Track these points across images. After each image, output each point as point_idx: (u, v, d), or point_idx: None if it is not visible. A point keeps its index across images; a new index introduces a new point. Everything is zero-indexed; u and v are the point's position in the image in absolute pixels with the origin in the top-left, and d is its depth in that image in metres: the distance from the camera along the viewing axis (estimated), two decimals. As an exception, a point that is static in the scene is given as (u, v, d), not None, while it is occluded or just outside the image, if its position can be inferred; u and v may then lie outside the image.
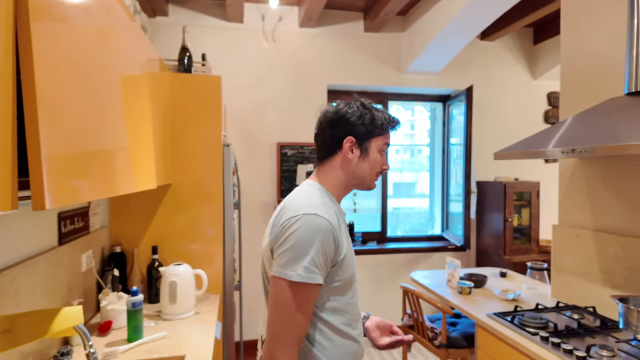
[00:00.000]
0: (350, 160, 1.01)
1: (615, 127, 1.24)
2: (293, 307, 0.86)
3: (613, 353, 1.27)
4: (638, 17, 1.33)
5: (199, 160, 1.97)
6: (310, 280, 0.86)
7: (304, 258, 0.86)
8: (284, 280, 0.86)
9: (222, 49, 3.16)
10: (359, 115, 1.01)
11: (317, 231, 0.87)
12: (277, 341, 0.87)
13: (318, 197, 0.96)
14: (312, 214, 0.89)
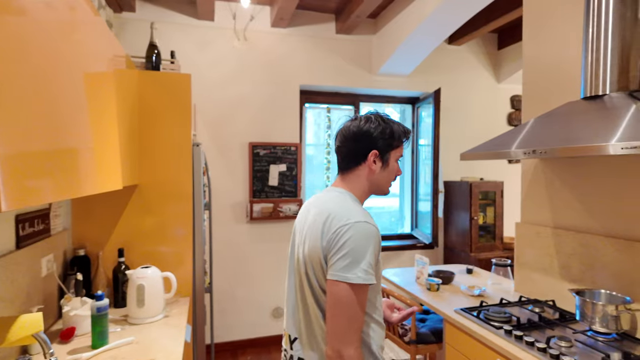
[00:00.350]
0: (374, 171, 1.12)
1: (571, 130, 1.31)
2: (355, 306, 0.95)
3: (570, 343, 1.34)
4: (592, 27, 1.41)
5: (167, 160, 1.93)
6: (368, 281, 0.96)
7: (361, 262, 0.95)
8: (345, 284, 0.95)
9: (192, 47, 3.10)
10: (380, 131, 1.11)
11: (370, 237, 0.98)
12: (344, 338, 0.95)
13: (358, 205, 1.08)
14: (363, 222, 0.99)
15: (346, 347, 0.94)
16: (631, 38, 1.34)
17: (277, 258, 3.38)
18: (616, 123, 1.17)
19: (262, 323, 3.36)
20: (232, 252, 3.25)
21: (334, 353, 0.95)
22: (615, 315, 1.36)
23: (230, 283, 3.26)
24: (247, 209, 3.27)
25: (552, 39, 1.82)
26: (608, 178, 1.57)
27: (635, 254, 1.44)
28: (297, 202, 3.36)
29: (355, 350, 0.95)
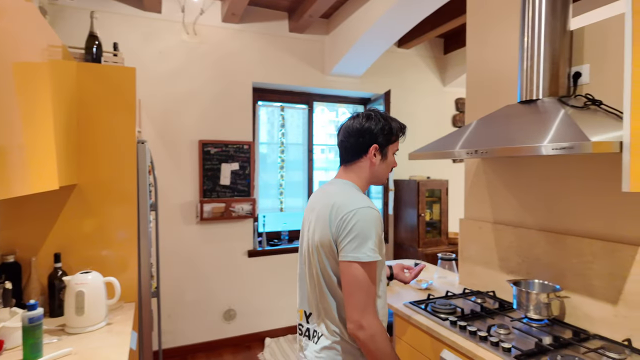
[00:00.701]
0: (374, 163, 1.27)
1: (509, 131, 1.40)
2: (368, 281, 1.10)
3: (509, 331, 1.44)
4: (527, 36, 1.52)
5: (109, 158, 1.82)
6: (375, 258, 1.11)
7: (368, 242, 1.10)
8: (357, 263, 1.09)
9: (137, 40, 2.94)
10: (380, 127, 1.25)
11: (372, 220, 1.12)
12: (363, 311, 1.09)
13: (360, 193, 1.22)
14: (366, 207, 1.13)
15: (365, 317, 1.08)
16: (560, 48, 1.46)
17: (229, 259, 3.31)
18: (548, 126, 1.27)
19: (213, 326, 3.27)
20: (181, 254, 3.14)
21: (355, 325, 1.09)
22: (547, 303, 1.48)
23: (179, 286, 3.14)
24: (197, 209, 3.16)
25: (493, 46, 1.95)
26: (540, 176, 1.70)
27: (564, 246, 1.58)
28: (250, 201, 3.31)
29: (373, 318, 1.10)
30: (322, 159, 3.96)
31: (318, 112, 3.87)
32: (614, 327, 1.41)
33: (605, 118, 1.30)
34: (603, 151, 1.10)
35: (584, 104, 1.38)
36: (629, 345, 1.32)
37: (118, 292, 1.61)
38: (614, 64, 1.41)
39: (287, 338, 3.45)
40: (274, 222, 3.75)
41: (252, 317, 3.42)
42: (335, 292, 1.18)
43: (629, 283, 1.36)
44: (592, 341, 1.38)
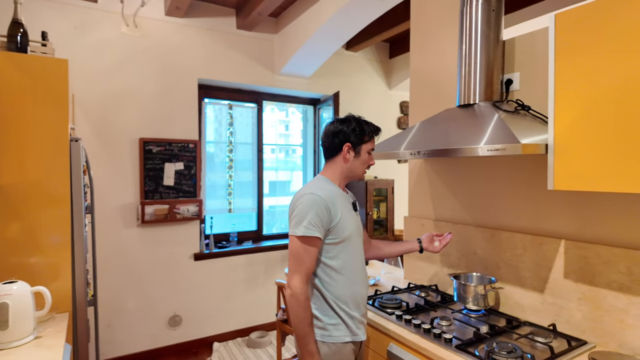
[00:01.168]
0: (348, 159, 1.46)
1: (449, 134, 1.48)
2: (301, 251, 1.33)
3: (450, 322, 1.52)
4: (465, 45, 1.62)
5: (38, 156, 1.66)
6: (308, 233, 1.32)
7: (303, 220, 1.33)
8: (293, 236, 1.35)
9: (70, 30, 2.73)
10: (352, 128, 1.44)
11: (313, 203, 1.34)
12: (291, 274, 1.34)
13: (317, 184, 1.42)
14: (310, 193, 1.36)
15: (291, 279, 1.33)
16: (494, 56, 1.57)
17: (174, 263, 3.17)
18: (483, 129, 1.36)
19: (157, 333, 3.12)
20: (121, 259, 2.96)
21: (287, 285, 1.35)
22: (484, 294, 1.58)
23: (119, 293, 2.96)
24: (139, 212, 3.00)
25: (435, 52, 2.05)
26: (477, 176, 1.82)
27: (498, 240, 1.70)
28: (197, 202, 3.20)
29: (297, 282, 1.32)
30: (272, 159, 3.92)
31: (268, 111, 3.84)
32: (541, 314, 1.54)
33: (532, 122, 1.41)
34: (531, 152, 1.20)
35: (515, 109, 1.50)
36: (554, 329, 1.45)
37: (49, 303, 1.48)
38: (540, 73, 1.54)
39: (236, 341, 3.38)
40: (222, 224, 3.66)
41: (199, 322, 3.30)
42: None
43: (554, 273, 1.49)
44: (523, 328, 1.50)
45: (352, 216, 1.46)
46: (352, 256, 1.44)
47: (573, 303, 1.43)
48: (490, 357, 1.23)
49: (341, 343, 1.39)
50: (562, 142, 1.20)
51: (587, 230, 1.41)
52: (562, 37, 1.20)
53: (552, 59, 1.23)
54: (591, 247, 1.38)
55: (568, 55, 1.19)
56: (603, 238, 1.37)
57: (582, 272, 1.41)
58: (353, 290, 1.43)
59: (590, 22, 1.13)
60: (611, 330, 1.33)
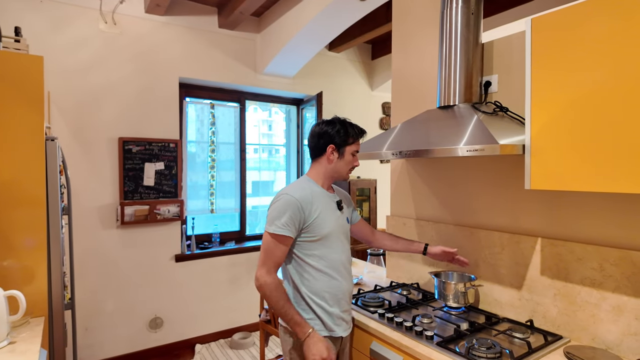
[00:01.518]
0: (332, 160, 1.51)
1: (429, 134, 1.51)
2: (271, 245, 1.40)
3: (431, 320, 1.55)
4: (445, 47, 1.65)
5: (11, 156, 1.61)
6: (278, 232, 1.39)
7: (276, 219, 1.40)
8: (266, 232, 1.42)
9: (45, 26, 2.65)
10: (337, 130, 1.49)
11: (286, 204, 1.40)
12: (259, 266, 1.41)
13: (297, 185, 1.48)
14: (285, 194, 1.42)
15: (258, 271, 1.41)
16: (473, 59, 1.61)
17: (155, 265, 3.12)
18: (463, 130, 1.39)
19: (138, 336, 3.06)
20: (100, 261, 2.89)
21: (255, 276, 1.42)
22: (464, 292, 1.61)
23: (98, 296, 2.89)
24: (118, 212, 2.94)
25: (416, 54, 2.08)
26: (456, 175, 1.86)
27: (477, 239, 1.74)
28: (178, 202, 3.16)
29: (264, 273, 1.39)
30: (255, 159, 3.90)
31: (251, 111, 3.81)
32: (518, 310, 1.58)
33: (510, 123, 1.45)
34: (509, 153, 1.23)
35: (493, 110, 1.54)
36: (531, 325, 1.49)
37: (23, 307, 1.44)
38: (517, 75, 1.59)
39: (219, 343, 3.34)
40: (204, 224, 3.62)
41: (180, 324, 3.26)
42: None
43: (530, 270, 1.54)
44: (501, 324, 1.54)
45: (334, 215, 1.51)
46: (332, 253, 1.48)
47: (549, 299, 1.48)
48: (470, 354, 1.26)
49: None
50: (538, 143, 1.24)
51: (562, 228, 1.46)
52: (538, 40, 1.24)
53: (528, 62, 1.27)
54: (566, 245, 1.43)
55: (544, 59, 1.22)
56: (576, 236, 1.42)
57: (557, 269, 1.45)
58: (332, 285, 1.46)
59: (565, 26, 1.17)
60: (584, 325, 1.38)
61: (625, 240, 1.30)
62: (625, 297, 1.27)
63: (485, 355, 1.24)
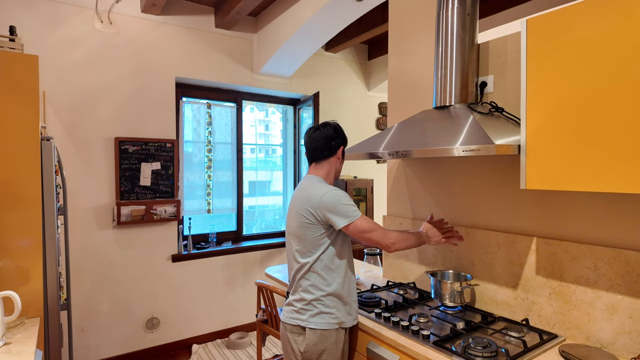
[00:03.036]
0: (341, 161, 1.65)
1: (425, 134, 1.52)
2: (368, 222, 1.47)
3: (428, 319, 1.56)
4: (441, 48, 1.66)
5: (6, 156, 1.60)
6: (360, 213, 1.49)
7: (349, 208, 1.47)
8: (357, 220, 1.46)
9: (40, 25, 2.64)
10: (343, 136, 1.64)
11: (341, 194, 1.49)
12: (382, 236, 1.48)
13: (321, 183, 1.55)
14: (333, 190, 1.49)
15: (387, 240, 1.49)
16: (469, 59, 1.62)
17: (151, 265, 3.11)
18: (459, 130, 1.40)
19: (134, 337, 3.05)
20: (96, 261, 2.88)
21: (386, 245, 1.50)
22: (460, 291, 1.62)
23: (94, 297, 2.88)
24: (114, 213, 2.93)
25: (412, 55, 2.08)
26: (452, 176, 1.86)
27: (473, 238, 1.75)
28: (174, 203, 3.15)
29: (390, 237, 1.49)
30: (252, 159, 3.89)
31: (247, 111, 3.81)
32: (514, 309, 1.59)
33: (506, 123, 1.46)
34: (504, 153, 1.24)
35: (489, 111, 1.55)
36: (526, 324, 1.50)
37: (18, 308, 1.43)
38: (513, 76, 1.60)
39: (215, 343, 3.34)
40: (201, 224, 3.61)
41: (177, 325, 3.25)
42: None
43: (526, 269, 1.55)
44: (497, 323, 1.55)
45: None
46: (350, 254, 1.61)
47: (544, 298, 1.49)
48: (467, 353, 1.27)
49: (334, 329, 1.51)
50: (533, 143, 1.25)
51: (557, 228, 1.47)
52: (533, 41, 1.25)
53: (524, 63, 1.27)
54: (560, 244, 1.44)
55: (539, 59, 1.23)
56: (571, 235, 1.43)
57: (552, 268, 1.46)
58: (354, 280, 1.61)
59: (560, 27, 1.18)
60: (579, 324, 1.39)
61: (618, 240, 1.31)
62: (619, 295, 1.29)
63: (482, 354, 1.25)
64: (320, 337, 1.45)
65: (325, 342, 1.46)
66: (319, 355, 1.46)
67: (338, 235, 1.52)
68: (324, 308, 1.47)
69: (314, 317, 1.47)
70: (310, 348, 1.46)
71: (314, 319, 1.47)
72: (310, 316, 1.48)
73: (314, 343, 1.45)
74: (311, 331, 1.46)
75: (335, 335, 1.47)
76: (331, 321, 1.47)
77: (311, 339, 1.46)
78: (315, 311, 1.47)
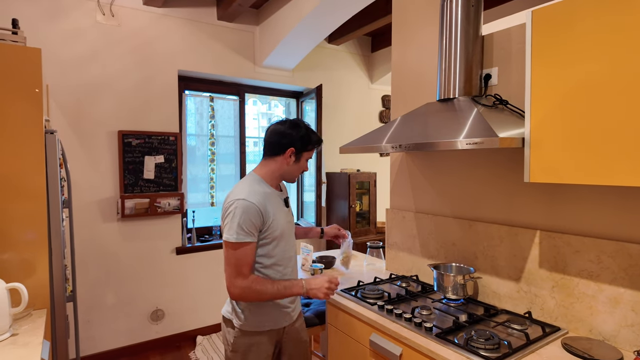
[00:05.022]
0: (288, 162, 1.52)
1: (429, 127, 1.51)
2: (238, 255, 1.39)
3: (430, 311, 1.56)
4: (445, 40, 1.64)
5: (10, 149, 1.61)
6: (241, 239, 1.38)
7: (236, 226, 1.38)
8: (227, 242, 1.40)
9: (41, 17, 2.63)
10: (300, 136, 1.50)
11: (244, 209, 1.39)
12: (232, 279, 1.40)
13: (248, 187, 1.46)
14: (242, 199, 1.40)
15: (232, 281, 1.40)
16: (473, 51, 1.60)
17: (156, 257, 3.13)
18: (462, 123, 1.39)
19: (139, 328, 3.09)
20: (100, 254, 2.90)
21: (228, 289, 1.41)
22: (463, 284, 1.63)
23: (99, 289, 2.91)
24: (118, 206, 2.95)
25: (415, 47, 2.07)
26: (455, 169, 1.86)
27: (475, 232, 1.75)
28: (178, 196, 3.16)
29: (240, 282, 1.39)
30: (255, 152, 3.89)
31: (250, 104, 3.80)
32: (517, 302, 1.60)
33: (510, 116, 1.45)
34: (508, 146, 1.23)
35: (493, 103, 1.53)
36: (529, 317, 1.51)
37: (25, 299, 1.45)
38: (517, 68, 1.58)
39: (220, 334, 3.37)
40: (204, 217, 3.62)
41: (181, 316, 3.28)
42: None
43: (529, 262, 1.55)
44: (500, 315, 1.55)
45: (283, 214, 1.55)
46: (283, 251, 1.53)
47: (547, 291, 1.49)
48: (469, 345, 1.27)
49: (263, 331, 1.52)
50: (537, 136, 1.24)
51: (560, 221, 1.47)
52: (538, 33, 1.23)
53: (528, 55, 1.26)
54: (563, 237, 1.44)
55: (544, 51, 1.22)
56: (574, 228, 1.43)
57: (555, 262, 1.46)
58: (280, 276, 1.55)
59: (566, 18, 1.17)
60: (582, 317, 1.39)
61: (621, 233, 1.31)
62: (622, 289, 1.29)
63: (484, 346, 1.25)
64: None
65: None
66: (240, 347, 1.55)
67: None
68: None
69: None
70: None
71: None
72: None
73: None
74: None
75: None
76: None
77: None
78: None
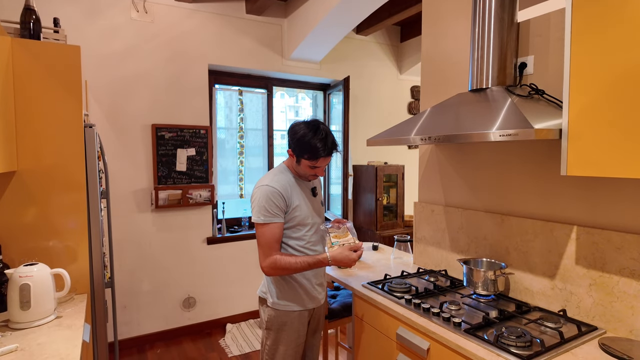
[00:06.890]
0: (293, 160, 1.63)
1: (460, 119, 1.47)
2: (263, 235, 1.54)
3: (459, 307, 1.54)
4: (478, 28, 1.59)
5: (53, 143, 1.70)
6: (263, 220, 1.54)
7: (259, 209, 1.54)
8: (257, 223, 1.56)
9: (80, 16, 2.74)
10: (298, 141, 1.54)
11: (266, 194, 1.54)
12: (262, 258, 1.55)
13: (272, 175, 1.61)
14: (265, 185, 1.55)
15: (262, 262, 1.56)
16: (507, 39, 1.54)
17: (188, 247, 3.24)
18: (496, 114, 1.35)
19: (172, 315, 3.21)
20: (136, 243, 3.03)
21: (261, 267, 1.57)
22: (494, 280, 1.59)
23: (135, 276, 3.04)
24: (152, 197, 3.05)
25: (447, 36, 2.01)
26: (487, 161, 1.80)
27: (508, 226, 1.70)
28: (209, 187, 3.24)
29: (267, 263, 1.54)
30: (282, 145, 3.93)
31: (277, 97, 3.83)
32: (551, 299, 1.54)
33: (546, 107, 1.39)
34: (544, 138, 1.18)
35: (528, 93, 1.47)
36: (564, 315, 1.45)
37: (68, 284, 1.54)
38: (555, 56, 1.51)
39: (248, 323, 3.45)
40: (233, 209, 3.70)
41: (212, 304, 3.38)
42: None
43: (564, 259, 1.49)
44: (532, 313, 1.50)
45: (308, 200, 1.66)
46: (311, 235, 1.65)
47: (583, 289, 1.43)
48: (499, 341, 1.25)
49: (294, 311, 1.65)
50: (576, 127, 1.18)
51: (600, 217, 1.40)
52: (579, 16, 1.17)
53: (567, 41, 1.20)
54: (603, 234, 1.37)
55: (585, 36, 1.16)
56: (615, 224, 1.36)
57: (594, 259, 1.40)
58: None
59: (609, 0, 1.10)
60: (622, 317, 1.33)
61: (669, 230, 1.23)
62: (668, 288, 1.21)
63: (515, 343, 1.22)
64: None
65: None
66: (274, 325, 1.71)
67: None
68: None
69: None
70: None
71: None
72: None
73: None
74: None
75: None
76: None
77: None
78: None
